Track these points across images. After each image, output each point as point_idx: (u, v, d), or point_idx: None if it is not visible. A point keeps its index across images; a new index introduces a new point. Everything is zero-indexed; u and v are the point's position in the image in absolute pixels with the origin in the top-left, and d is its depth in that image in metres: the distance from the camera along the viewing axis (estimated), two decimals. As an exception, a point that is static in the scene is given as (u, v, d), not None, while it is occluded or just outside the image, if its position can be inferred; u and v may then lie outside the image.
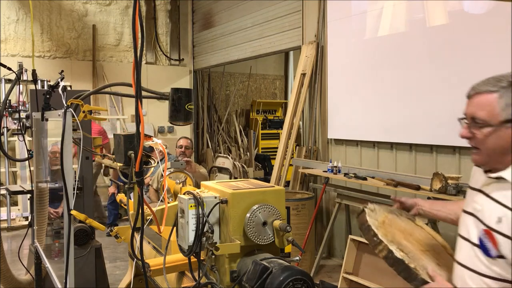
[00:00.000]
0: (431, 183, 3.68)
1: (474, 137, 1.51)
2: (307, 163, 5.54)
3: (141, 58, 1.45)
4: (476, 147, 1.53)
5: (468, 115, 1.53)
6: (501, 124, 1.45)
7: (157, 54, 9.20)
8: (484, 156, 1.51)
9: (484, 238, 1.48)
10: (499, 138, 1.46)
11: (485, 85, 1.49)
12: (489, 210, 1.48)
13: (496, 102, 1.45)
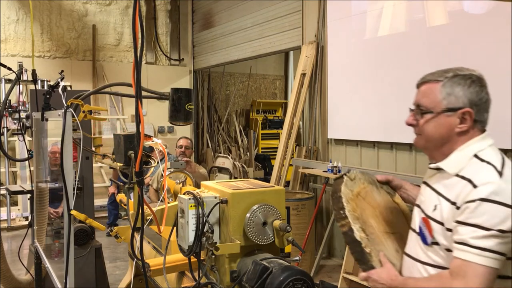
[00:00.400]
0: (431, 183, 3.67)
1: (417, 124, 1.57)
2: (307, 163, 5.54)
3: (141, 58, 1.45)
4: (418, 134, 1.60)
5: (414, 103, 1.59)
6: (442, 112, 1.50)
7: (157, 54, 9.20)
8: (424, 141, 1.60)
9: (422, 226, 1.54)
10: (439, 125, 1.52)
11: (432, 75, 1.55)
12: (429, 200, 1.55)
13: (439, 90, 1.51)
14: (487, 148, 1.50)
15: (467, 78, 1.50)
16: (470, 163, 1.48)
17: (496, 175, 1.41)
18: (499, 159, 1.47)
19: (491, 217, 1.35)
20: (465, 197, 1.40)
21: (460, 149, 1.52)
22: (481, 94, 1.51)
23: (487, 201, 1.36)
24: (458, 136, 1.52)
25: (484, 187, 1.38)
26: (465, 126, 1.50)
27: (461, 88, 1.49)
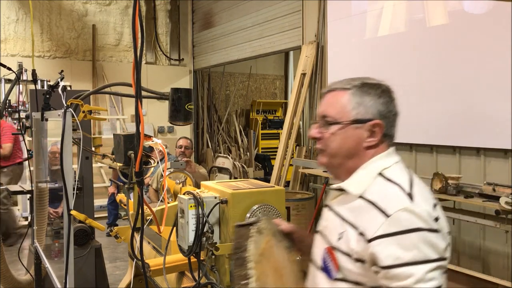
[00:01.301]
0: (431, 183, 3.68)
1: (322, 137, 1.39)
2: (307, 163, 5.54)
3: (141, 58, 1.45)
4: (322, 149, 1.40)
5: (319, 114, 1.44)
6: (350, 123, 1.35)
7: (157, 54, 9.20)
8: (328, 158, 1.38)
9: (326, 258, 1.33)
10: (346, 138, 1.35)
11: (340, 83, 1.44)
12: (333, 227, 1.35)
13: (348, 100, 1.37)
14: (393, 166, 1.37)
15: (377, 87, 1.38)
16: (374, 183, 1.31)
17: (405, 198, 1.23)
18: (406, 179, 1.32)
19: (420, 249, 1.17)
20: (376, 230, 1.20)
21: (363, 166, 1.35)
22: (390, 106, 1.40)
23: (408, 233, 1.18)
24: (365, 151, 1.36)
25: (397, 217, 1.19)
26: (374, 140, 1.36)
27: (371, 98, 1.36)
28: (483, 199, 3.37)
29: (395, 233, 1.18)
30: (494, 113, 3.86)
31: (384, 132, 1.37)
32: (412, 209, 1.21)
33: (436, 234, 1.21)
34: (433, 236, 1.19)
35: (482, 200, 3.36)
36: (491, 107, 3.89)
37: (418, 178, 1.35)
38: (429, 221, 1.20)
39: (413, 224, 1.19)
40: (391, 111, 1.40)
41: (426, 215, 1.21)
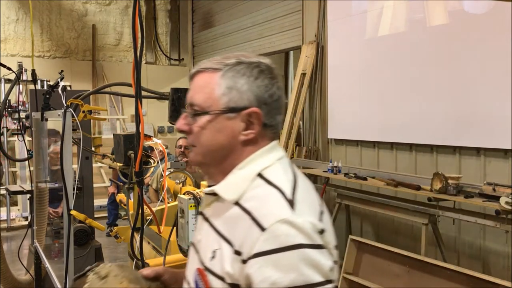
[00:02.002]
0: (432, 183, 3.68)
1: (191, 131, 1.14)
2: (307, 163, 5.54)
3: (141, 58, 1.45)
4: (192, 145, 1.15)
5: (187, 102, 1.17)
6: (221, 113, 1.09)
7: (157, 54, 9.20)
8: (199, 155, 1.13)
9: (198, 280, 1.10)
10: (217, 132, 1.09)
11: (210, 62, 1.12)
12: (206, 242, 1.12)
13: (217, 83, 1.09)
14: (275, 164, 1.10)
15: (254, 66, 1.10)
16: (253, 185, 1.06)
17: (285, 207, 1.00)
18: (289, 180, 1.07)
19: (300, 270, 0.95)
20: (252, 247, 0.98)
21: (241, 165, 1.10)
22: (272, 89, 1.11)
23: (286, 250, 0.96)
24: (243, 147, 1.10)
25: (273, 231, 0.97)
26: (252, 133, 1.09)
27: (246, 80, 1.08)
28: (483, 199, 3.36)
29: (271, 251, 0.96)
30: (494, 113, 3.86)
31: (264, 122, 1.09)
32: (292, 220, 0.97)
33: (321, 251, 0.98)
34: (316, 254, 0.97)
35: (482, 200, 3.36)
36: (491, 107, 3.89)
37: (303, 177, 1.12)
38: (312, 235, 0.98)
39: (293, 240, 0.96)
40: (272, 96, 1.10)
41: (309, 227, 0.98)
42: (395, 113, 4.76)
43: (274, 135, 1.14)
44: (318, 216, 1.03)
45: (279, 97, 1.12)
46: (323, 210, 1.08)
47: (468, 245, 4.18)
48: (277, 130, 1.14)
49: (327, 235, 1.02)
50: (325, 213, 1.08)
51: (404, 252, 3.68)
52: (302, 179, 1.10)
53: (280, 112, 1.13)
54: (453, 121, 4.19)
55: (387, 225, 4.98)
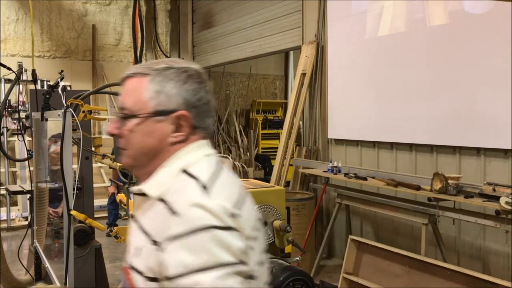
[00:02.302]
0: (432, 183, 3.68)
1: (121, 134, 1.17)
2: (307, 163, 5.54)
3: (141, 58, 1.46)
4: (123, 148, 1.18)
5: (118, 106, 1.21)
6: (150, 116, 1.13)
7: (157, 54, 9.20)
8: (130, 159, 1.17)
9: (124, 280, 1.12)
10: (147, 135, 1.13)
11: (140, 68, 1.18)
12: (134, 241, 1.15)
13: (146, 88, 1.14)
14: (202, 160, 1.14)
15: (183, 71, 1.17)
16: (177, 180, 1.10)
17: (198, 192, 1.05)
18: (210, 172, 1.11)
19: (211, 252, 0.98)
20: (166, 233, 1.01)
21: (167, 164, 1.14)
22: (200, 93, 1.16)
23: (198, 232, 0.98)
24: (172, 148, 1.14)
25: (185, 214, 1.01)
26: (182, 135, 1.14)
27: (174, 84, 1.14)
28: (483, 199, 3.37)
29: (183, 234, 0.98)
30: (494, 113, 3.86)
31: (194, 124, 1.15)
32: (204, 204, 1.01)
33: (232, 233, 1.01)
34: (227, 235, 1.00)
35: (482, 200, 3.36)
36: (491, 107, 3.89)
37: (231, 175, 1.17)
38: (223, 217, 1.01)
39: (204, 222, 0.99)
40: (200, 99, 1.16)
41: (221, 210, 1.01)
42: (395, 113, 4.76)
43: (205, 136, 1.19)
44: (233, 204, 1.06)
45: (208, 101, 1.17)
46: (245, 203, 1.11)
47: (468, 245, 4.18)
48: (208, 132, 1.19)
49: (242, 221, 1.04)
50: (247, 206, 1.11)
51: (404, 252, 3.68)
52: (228, 175, 1.14)
53: (209, 115, 1.18)
54: (453, 121, 4.19)
55: (387, 225, 4.98)
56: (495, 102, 3.85)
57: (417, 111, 4.50)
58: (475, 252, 4.12)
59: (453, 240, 4.26)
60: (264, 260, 1.12)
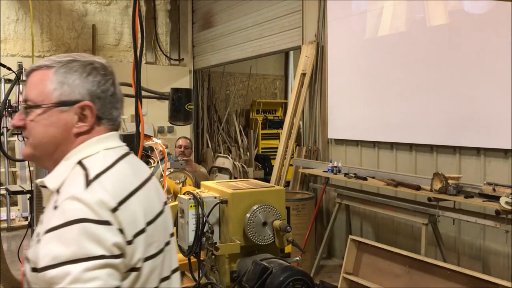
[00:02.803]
0: (432, 183, 3.68)
1: (25, 126, 1.18)
2: (307, 163, 5.54)
3: (141, 58, 1.45)
4: (27, 138, 1.20)
5: (23, 98, 1.22)
6: (53, 106, 1.14)
7: (157, 54, 9.19)
8: (32, 148, 1.18)
9: None
10: (50, 125, 1.15)
11: (45, 61, 1.20)
12: (35, 234, 1.15)
13: (50, 79, 1.15)
14: (101, 152, 1.16)
15: (87, 64, 1.18)
16: (72, 173, 1.12)
17: (80, 185, 1.06)
18: (104, 164, 1.12)
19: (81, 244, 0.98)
20: (47, 225, 1.04)
21: (68, 156, 1.15)
22: (105, 85, 1.18)
23: (70, 225, 1.00)
24: (76, 139, 1.16)
25: (62, 207, 1.03)
26: (86, 125, 1.16)
27: (78, 76, 1.16)
28: (483, 199, 3.37)
29: (57, 227, 1.01)
30: (494, 113, 3.86)
31: (98, 115, 1.17)
32: (81, 197, 1.03)
33: (106, 227, 1.01)
34: (100, 229, 1.01)
35: (482, 200, 3.36)
36: (491, 107, 3.89)
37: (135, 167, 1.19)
38: (98, 210, 1.02)
39: (77, 214, 1.01)
40: (105, 91, 1.18)
41: (96, 203, 1.02)
42: (395, 113, 4.76)
43: (112, 128, 1.21)
44: (117, 198, 1.07)
45: (113, 93, 1.20)
46: (138, 197, 1.12)
47: (468, 245, 4.18)
48: (114, 123, 1.22)
49: (123, 215, 1.05)
50: (138, 200, 1.11)
51: (404, 252, 3.68)
52: (125, 169, 1.15)
53: (116, 106, 1.21)
54: (453, 121, 4.19)
55: (387, 225, 4.98)
56: (495, 102, 3.85)
57: (417, 111, 4.50)
58: (475, 252, 4.12)
59: (453, 240, 4.26)
60: (158, 252, 1.14)
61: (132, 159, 1.23)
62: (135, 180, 1.16)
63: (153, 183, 1.25)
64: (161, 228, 1.19)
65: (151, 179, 1.25)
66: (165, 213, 1.26)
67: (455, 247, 4.25)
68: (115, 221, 1.04)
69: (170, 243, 1.26)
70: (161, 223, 1.20)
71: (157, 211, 1.19)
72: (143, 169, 1.26)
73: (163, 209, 1.25)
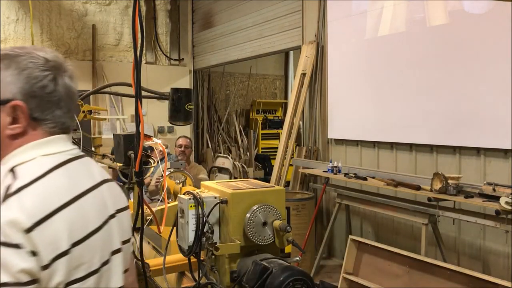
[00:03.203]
0: (431, 183, 3.68)
1: None
2: (307, 163, 5.54)
3: (141, 58, 1.45)
4: None
5: None
6: None
7: (157, 54, 9.19)
8: None
9: None
10: None
11: None
12: None
13: None
14: (38, 159, 1.05)
15: (22, 60, 1.06)
16: (4, 180, 1.02)
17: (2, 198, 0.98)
18: (35, 174, 1.02)
19: None
20: None
21: (5, 160, 1.06)
22: (43, 81, 1.06)
23: None
24: (11, 141, 1.05)
25: None
26: (18, 127, 1.05)
27: (12, 72, 1.04)
28: (483, 199, 3.37)
29: None
30: (494, 113, 3.86)
31: (35, 116, 1.05)
32: None
33: (14, 251, 0.91)
34: (6, 253, 0.91)
35: (482, 200, 3.36)
36: (491, 107, 3.89)
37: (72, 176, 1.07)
38: (8, 232, 0.92)
39: None
40: (43, 88, 1.05)
41: (7, 223, 0.92)
42: (395, 113, 4.76)
43: (53, 129, 1.08)
44: (36, 217, 0.96)
45: (53, 91, 1.06)
46: (67, 213, 1.00)
47: (468, 245, 4.18)
48: (56, 125, 1.08)
49: (40, 236, 0.95)
50: (67, 217, 1.00)
51: (404, 252, 3.68)
52: (59, 179, 1.04)
53: (58, 105, 1.08)
54: (453, 121, 4.19)
55: (387, 225, 4.98)
56: (495, 102, 3.85)
57: (417, 111, 4.50)
58: (475, 252, 4.12)
59: (453, 240, 4.26)
60: (89, 274, 1.03)
61: (75, 167, 1.09)
62: (67, 194, 1.03)
63: (98, 193, 1.12)
64: (95, 247, 1.07)
65: (96, 188, 1.12)
66: (108, 228, 1.12)
67: (455, 247, 4.25)
68: (28, 244, 0.93)
69: (110, 262, 1.13)
70: (96, 241, 1.07)
71: (91, 229, 1.06)
72: (87, 177, 1.11)
73: (105, 223, 1.11)
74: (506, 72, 3.71)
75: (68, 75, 1.11)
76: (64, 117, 1.10)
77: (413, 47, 4.58)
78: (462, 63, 4.13)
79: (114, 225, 1.15)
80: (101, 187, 1.13)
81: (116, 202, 1.20)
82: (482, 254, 4.06)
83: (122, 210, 1.21)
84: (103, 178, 1.16)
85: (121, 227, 1.20)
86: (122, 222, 1.20)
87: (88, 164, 1.16)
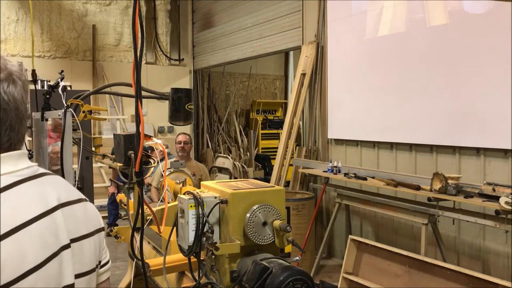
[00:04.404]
0: (431, 183, 3.68)
1: None
2: (307, 163, 5.54)
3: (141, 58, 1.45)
4: None
5: None
6: None
7: (157, 54, 9.20)
8: None
9: None
10: None
11: None
12: None
13: None
14: None
15: None
16: None
17: None
18: None
19: None
20: None
21: None
22: None
23: None
24: None
25: None
26: None
27: None
28: (483, 199, 3.37)
29: None
30: (494, 113, 3.86)
31: None
32: None
33: None
34: None
35: (482, 200, 3.36)
36: (491, 107, 3.89)
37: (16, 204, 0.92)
38: None
39: None
40: None
41: None
42: (395, 113, 4.76)
43: (9, 146, 0.96)
44: None
45: (11, 99, 0.96)
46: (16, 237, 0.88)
47: (468, 245, 4.18)
48: (2, 143, 0.95)
49: None
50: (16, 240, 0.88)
51: (404, 252, 3.68)
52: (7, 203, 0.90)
53: (5, 119, 0.95)
54: (453, 121, 4.19)
55: (387, 225, 4.98)
56: (495, 102, 3.85)
57: (417, 111, 4.51)
58: (475, 252, 4.12)
59: (453, 240, 4.26)
60: None
61: (21, 191, 0.95)
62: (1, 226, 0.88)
63: (46, 222, 0.96)
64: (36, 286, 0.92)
65: (47, 215, 0.97)
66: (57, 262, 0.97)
67: (455, 247, 4.25)
68: None
69: None
70: (38, 280, 0.92)
71: (29, 267, 0.91)
72: (36, 203, 0.96)
73: (52, 257, 0.96)
74: (506, 72, 3.71)
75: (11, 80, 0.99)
76: (12, 131, 0.97)
77: (413, 47, 4.58)
78: (462, 63, 4.13)
79: (67, 257, 1.00)
80: (54, 213, 0.98)
81: (77, 229, 1.05)
82: (482, 254, 4.07)
83: (83, 237, 1.07)
84: (59, 202, 1.01)
85: (79, 258, 1.05)
86: (81, 252, 1.06)
87: (43, 185, 1.00)
